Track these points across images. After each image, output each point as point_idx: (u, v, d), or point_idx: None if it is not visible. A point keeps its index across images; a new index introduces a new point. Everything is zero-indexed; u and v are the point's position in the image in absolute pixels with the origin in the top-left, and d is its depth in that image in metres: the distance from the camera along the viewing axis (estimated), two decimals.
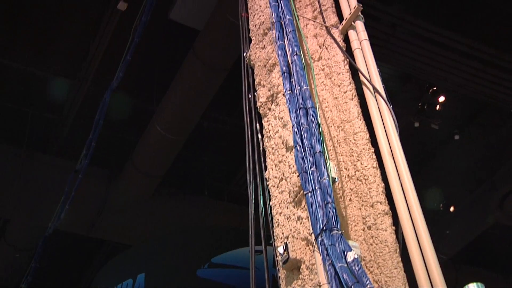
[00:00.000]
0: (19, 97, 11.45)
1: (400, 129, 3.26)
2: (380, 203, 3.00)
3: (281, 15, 3.54)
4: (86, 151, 9.32)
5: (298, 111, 3.04)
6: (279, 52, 3.37)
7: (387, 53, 10.00)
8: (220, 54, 9.33)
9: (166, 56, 10.87)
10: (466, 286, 2.44)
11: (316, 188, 2.70)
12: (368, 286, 2.25)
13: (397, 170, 3.03)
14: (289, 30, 3.40)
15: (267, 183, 3.43)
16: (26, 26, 10.33)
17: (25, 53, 10.70)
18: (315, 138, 2.91)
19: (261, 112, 3.75)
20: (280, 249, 2.98)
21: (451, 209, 13.41)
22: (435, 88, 11.16)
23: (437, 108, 11.28)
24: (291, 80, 3.24)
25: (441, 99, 11.27)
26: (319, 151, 2.83)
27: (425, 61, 10.13)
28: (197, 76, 9.68)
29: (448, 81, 10.54)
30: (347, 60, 3.57)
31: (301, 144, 2.90)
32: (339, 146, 3.37)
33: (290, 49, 3.33)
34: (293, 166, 3.10)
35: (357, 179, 3.15)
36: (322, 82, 3.67)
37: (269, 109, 3.65)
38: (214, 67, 9.53)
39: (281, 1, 3.58)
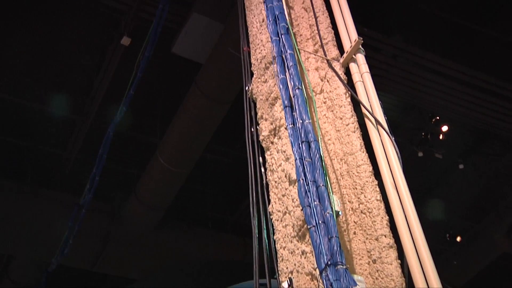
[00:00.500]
0: (23, 132, 11.50)
1: (404, 159, 3.25)
2: (385, 236, 2.97)
3: (282, 49, 3.57)
4: (90, 185, 9.32)
5: (300, 145, 3.04)
6: (281, 86, 3.39)
7: (389, 83, 10.06)
8: (223, 87, 9.39)
9: (169, 89, 10.96)
10: None
11: (320, 222, 2.68)
12: None
13: (401, 202, 3.01)
14: (291, 64, 3.42)
15: (271, 216, 3.41)
16: (30, 62, 10.44)
17: (29, 88, 10.79)
18: (318, 171, 2.90)
19: (263, 145, 3.75)
20: (285, 284, 2.95)
21: (458, 239, 13.29)
22: (437, 118, 11.17)
23: (441, 137, 11.28)
24: (293, 113, 3.25)
25: (444, 128, 11.27)
26: (322, 185, 2.82)
27: (427, 91, 10.19)
28: (200, 109, 9.73)
29: (450, 110, 10.57)
30: (349, 92, 3.59)
31: (304, 178, 2.90)
32: (342, 179, 3.36)
33: (292, 83, 3.35)
34: (297, 200, 3.09)
35: (361, 212, 3.14)
36: (324, 115, 3.68)
37: (272, 142, 3.65)
38: (216, 100, 9.58)
39: (282, 36, 3.61)
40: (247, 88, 4.11)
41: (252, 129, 3.91)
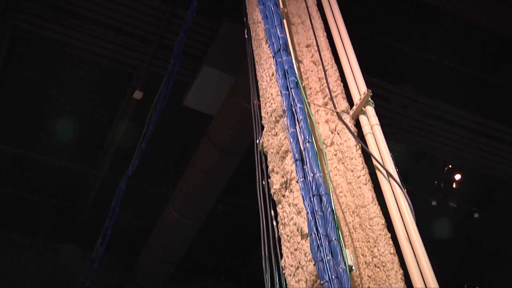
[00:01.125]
0: (35, 186, 11.57)
1: (417, 209, 3.23)
2: None
3: (292, 103, 3.60)
4: (102, 239, 9.28)
5: (312, 199, 3.03)
6: (291, 140, 3.40)
7: (399, 132, 10.07)
8: (234, 139, 9.44)
9: (181, 141, 11.03)
10: None
11: (333, 277, 2.65)
12: None
13: (415, 255, 2.97)
14: (301, 117, 3.45)
15: (283, 271, 3.37)
16: (42, 115, 10.59)
17: (41, 141, 10.91)
18: (330, 225, 2.88)
19: (275, 198, 3.74)
20: None
21: None
22: (450, 166, 11.11)
23: (454, 186, 11.18)
24: (304, 167, 3.25)
25: (457, 177, 11.19)
26: (335, 239, 2.80)
27: (438, 139, 10.18)
28: (211, 161, 9.76)
29: (462, 159, 10.53)
30: (359, 145, 3.59)
31: (316, 232, 2.88)
32: (355, 232, 3.33)
33: (302, 136, 3.36)
34: (309, 254, 3.06)
35: (375, 265, 3.09)
36: (335, 167, 3.67)
37: (283, 195, 3.64)
38: (228, 152, 9.62)
39: (292, 90, 3.65)
40: (258, 141, 4.13)
41: (264, 182, 3.91)
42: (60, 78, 10.05)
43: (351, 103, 4.02)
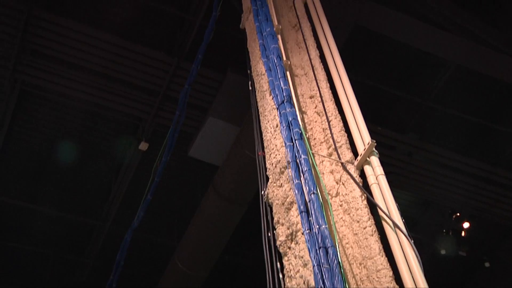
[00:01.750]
0: (40, 238, 11.52)
1: (426, 258, 3.19)
2: None
3: (296, 154, 3.61)
4: None
5: (318, 251, 3.00)
6: (296, 191, 3.39)
7: (406, 180, 10.05)
8: (240, 189, 9.42)
9: (186, 192, 11.02)
10: None
11: None
12: None
13: None
14: (305, 169, 3.45)
15: None
16: (47, 167, 10.63)
17: (46, 194, 10.92)
18: (336, 278, 2.84)
19: (281, 250, 3.70)
20: None
21: None
22: (458, 214, 11.01)
23: (463, 234, 11.05)
24: (310, 218, 3.23)
25: (466, 225, 11.07)
26: None
27: (444, 187, 10.14)
28: (217, 211, 9.71)
29: (470, 206, 10.45)
30: (365, 195, 3.58)
31: (322, 286, 2.83)
32: (362, 284, 3.27)
33: (307, 188, 3.35)
34: None
35: None
36: (341, 218, 3.65)
37: (289, 247, 3.61)
38: (234, 202, 9.58)
39: (296, 141, 3.66)
40: (263, 192, 4.12)
41: (269, 234, 3.88)
42: (66, 130, 10.13)
43: (355, 153, 4.02)
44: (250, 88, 5.16)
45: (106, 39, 8.67)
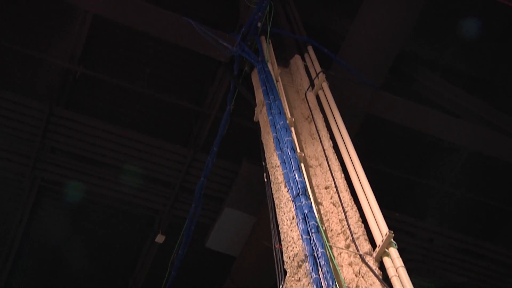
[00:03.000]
0: None
1: None
2: None
3: (313, 248, 3.57)
4: None
5: None
6: (315, 286, 3.34)
7: (427, 267, 9.83)
8: (257, 280, 9.24)
9: (204, 283, 10.82)
10: None
11: None
12: None
13: None
14: (323, 263, 3.41)
15: None
16: (63, 265, 10.57)
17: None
18: None
19: None
20: None
21: None
22: None
23: None
24: None
25: None
26: None
27: (467, 274, 9.89)
28: None
29: None
30: None
31: None
32: None
33: (326, 283, 3.30)
34: None
35: None
36: None
37: None
38: None
39: (313, 234, 3.64)
40: (281, 286, 4.06)
41: None
42: (82, 225, 10.16)
43: (373, 243, 3.98)
44: (266, 180, 5.19)
45: (122, 134, 8.84)
